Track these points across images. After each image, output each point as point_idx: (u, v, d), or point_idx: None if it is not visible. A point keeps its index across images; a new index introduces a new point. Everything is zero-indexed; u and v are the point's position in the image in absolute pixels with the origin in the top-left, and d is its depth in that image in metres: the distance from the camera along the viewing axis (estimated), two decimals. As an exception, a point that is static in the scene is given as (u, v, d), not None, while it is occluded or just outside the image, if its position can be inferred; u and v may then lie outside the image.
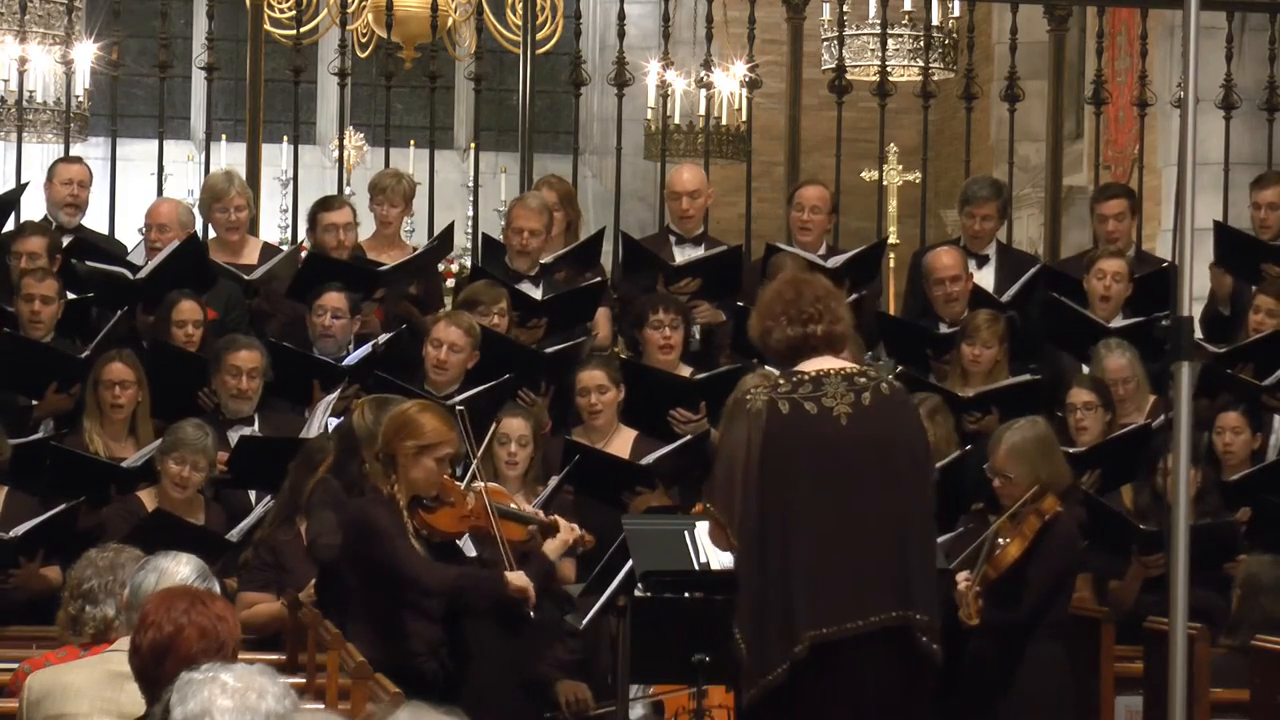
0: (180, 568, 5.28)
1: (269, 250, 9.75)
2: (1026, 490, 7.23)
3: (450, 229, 10.00)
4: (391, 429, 6.91)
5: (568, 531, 7.30)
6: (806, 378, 6.06)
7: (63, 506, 7.82)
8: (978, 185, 10.03)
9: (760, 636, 5.99)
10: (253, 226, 9.97)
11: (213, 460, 8.01)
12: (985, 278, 9.78)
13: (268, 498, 8.20)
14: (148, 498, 8.01)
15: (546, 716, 7.54)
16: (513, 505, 7.34)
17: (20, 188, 10.04)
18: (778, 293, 6.22)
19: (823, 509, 5.99)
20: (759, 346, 6.28)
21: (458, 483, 7.13)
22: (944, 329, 9.33)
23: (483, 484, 7.10)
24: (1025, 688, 7.17)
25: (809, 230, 9.74)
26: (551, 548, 7.29)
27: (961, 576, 7.10)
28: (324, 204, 9.66)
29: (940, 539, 7.18)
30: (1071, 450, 8.22)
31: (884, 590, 5.97)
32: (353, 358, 8.79)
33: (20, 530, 7.75)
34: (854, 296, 9.21)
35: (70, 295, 8.93)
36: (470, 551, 7.39)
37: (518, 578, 6.92)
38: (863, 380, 6.08)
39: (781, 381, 6.09)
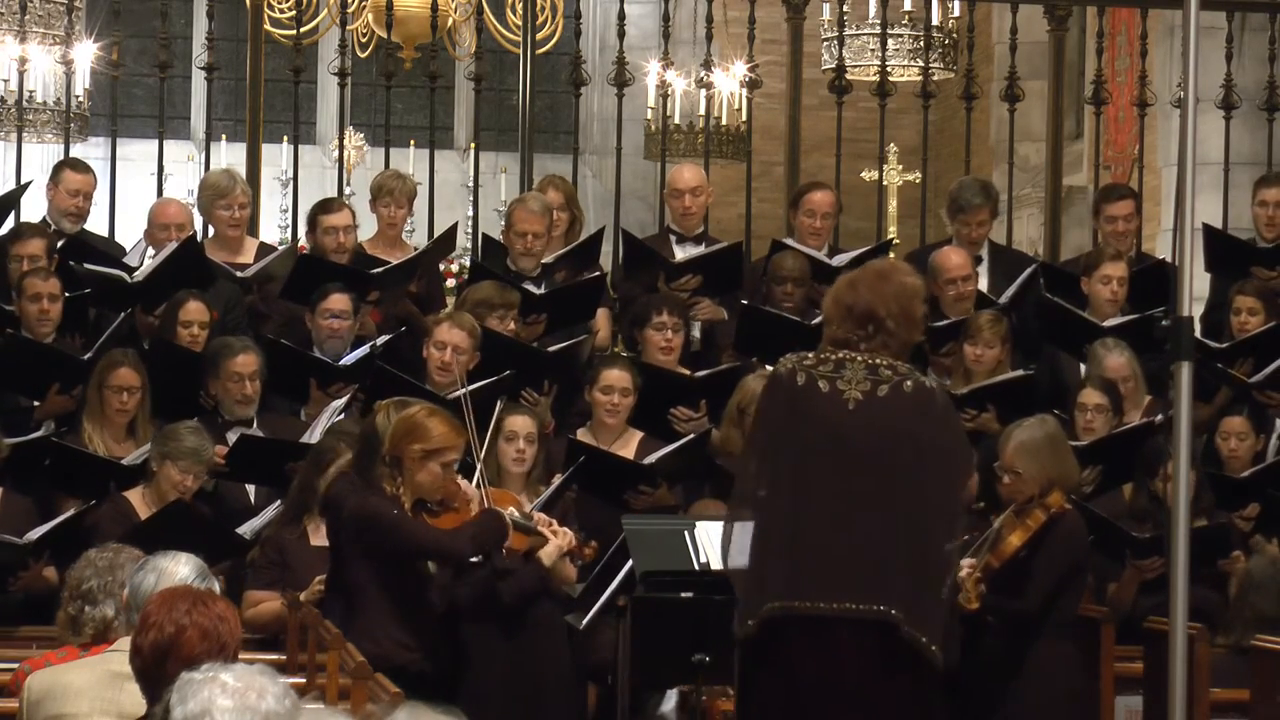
0: (180, 568, 5.28)
1: (265, 250, 9.75)
2: (1035, 487, 7.26)
3: (453, 229, 10.01)
4: (400, 432, 6.93)
5: (559, 537, 7.34)
6: (832, 358, 6.10)
7: (73, 511, 7.83)
8: (969, 193, 9.94)
9: (742, 592, 6.08)
10: (252, 226, 9.98)
11: (211, 465, 8.02)
12: (979, 278, 9.78)
13: (277, 502, 8.21)
14: (136, 498, 7.97)
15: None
16: (515, 513, 7.35)
17: (22, 187, 10.04)
18: (859, 289, 6.15)
19: (812, 485, 6.01)
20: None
21: (464, 482, 7.14)
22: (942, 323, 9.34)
23: (486, 490, 7.14)
24: (1037, 686, 7.19)
25: (819, 235, 9.76)
26: (546, 554, 7.34)
27: (965, 563, 7.12)
28: (323, 206, 9.66)
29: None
30: (1074, 445, 8.22)
31: (859, 580, 5.94)
32: (349, 358, 8.78)
33: (35, 534, 7.76)
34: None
35: (68, 294, 8.93)
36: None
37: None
38: (887, 373, 6.07)
39: (810, 357, 6.14)
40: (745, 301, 9.29)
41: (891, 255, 10.55)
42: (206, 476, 8.04)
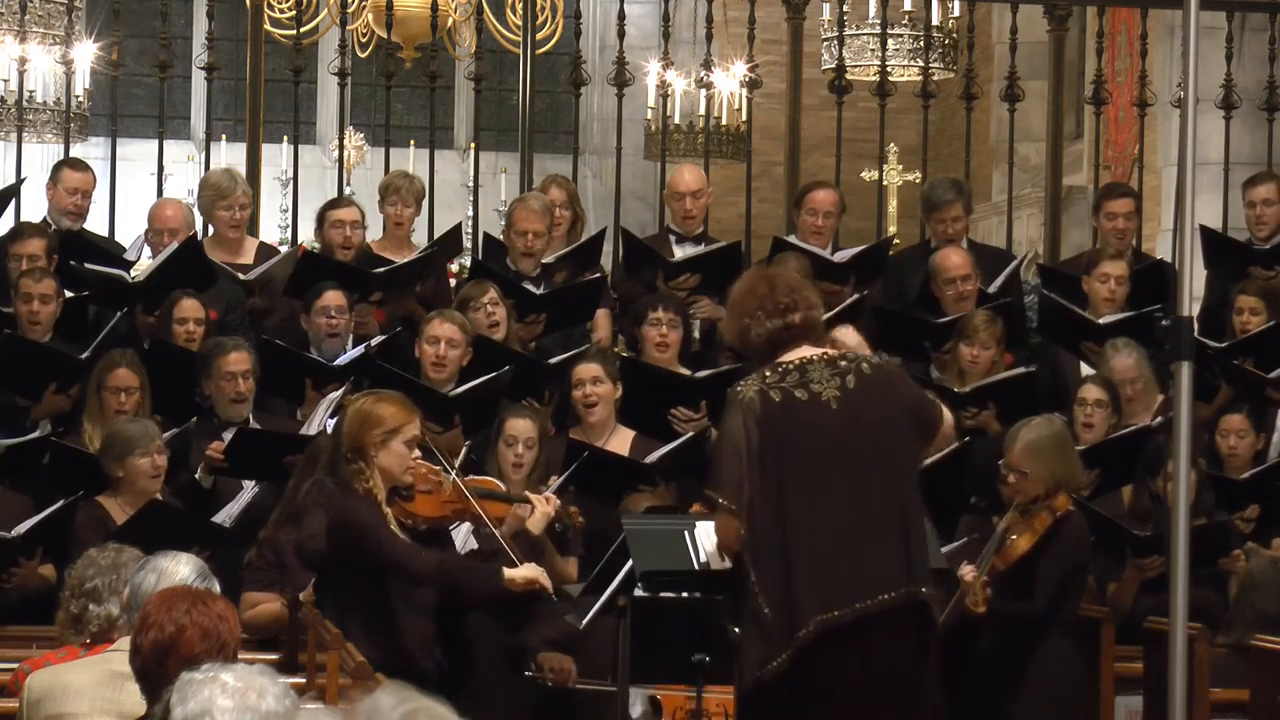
0: (180, 568, 5.28)
1: (265, 250, 9.76)
2: (1041, 487, 7.26)
3: (458, 229, 10.01)
4: (355, 425, 6.96)
5: (543, 503, 7.33)
6: (792, 366, 6.12)
7: (60, 504, 7.81)
8: (941, 189, 9.94)
9: (762, 623, 6.01)
10: (252, 226, 9.98)
11: (161, 437, 7.99)
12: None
13: (252, 484, 8.21)
14: (110, 504, 7.92)
15: (527, 675, 7.49)
16: (489, 487, 7.35)
17: (17, 182, 10.04)
18: (749, 289, 6.28)
19: (822, 494, 6.03)
20: (738, 347, 6.32)
21: (435, 468, 7.13)
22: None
23: (459, 479, 7.12)
24: (1038, 684, 7.19)
25: (822, 234, 9.76)
26: (533, 523, 7.32)
27: (966, 569, 7.12)
28: (333, 202, 9.75)
29: (945, 549, 7.20)
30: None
31: (890, 569, 6.00)
32: (345, 358, 8.78)
33: (22, 529, 7.75)
34: (855, 296, 9.25)
35: (68, 294, 8.93)
36: (473, 544, 7.40)
37: (524, 570, 6.95)
38: (844, 364, 6.13)
39: (769, 373, 6.13)
40: None
41: (890, 254, 10.59)
42: (167, 449, 8.00)
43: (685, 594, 6.78)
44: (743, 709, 6.20)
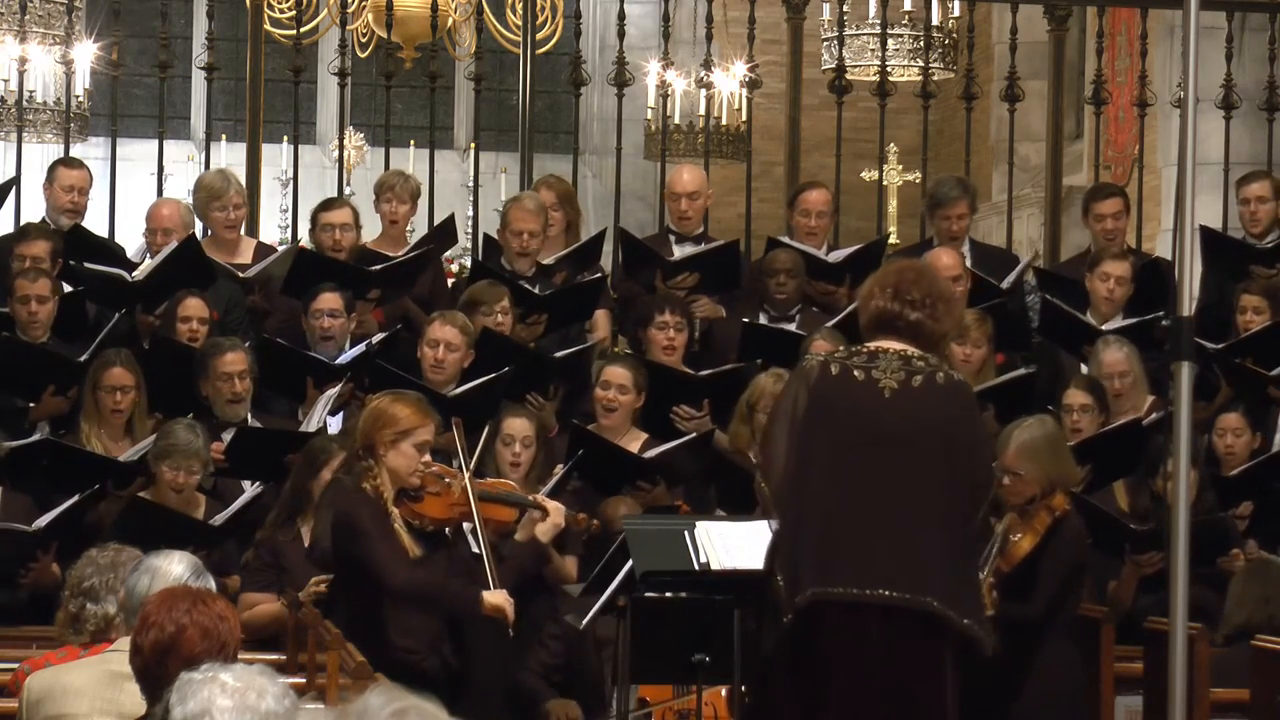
0: (174, 567, 5.28)
1: (263, 249, 9.75)
2: (1036, 487, 7.26)
3: (451, 221, 10.00)
4: (368, 422, 6.97)
5: (556, 513, 7.30)
6: (865, 350, 6.17)
7: (76, 498, 7.83)
8: (946, 186, 9.99)
9: (778, 583, 6.08)
10: (252, 226, 9.97)
11: (206, 460, 8.01)
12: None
13: (255, 484, 8.21)
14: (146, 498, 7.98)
15: None
16: (500, 490, 7.33)
17: (10, 182, 10.03)
18: (900, 270, 6.32)
19: (846, 472, 6.06)
20: (859, 311, 6.34)
21: (448, 469, 7.12)
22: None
23: (468, 473, 7.10)
24: (1039, 684, 7.18)
25: (815, 234, 9.77)
26: (542, 530, 7.28)
27: None
28: (325, 204, 9.71)
29: None
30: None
31: (892, 568, 6.00)
32: (345, 356, 8.77)
33: (42, 522, 7.77)
34: (854, 304, 9.25)
35: (67, 288, 8.91)
36: (474, 548, 7.40)
37: (494, 596, 6.93)
38: (920, 364, 6.13)
39: (841, 349, 6.23)
40: (746, 320, 9.28)
41: (887, 253, 10.58)
42: (203, 470, 8.01)
43: (685, 594, 6.78)
44: (757, 675, 6.24)
